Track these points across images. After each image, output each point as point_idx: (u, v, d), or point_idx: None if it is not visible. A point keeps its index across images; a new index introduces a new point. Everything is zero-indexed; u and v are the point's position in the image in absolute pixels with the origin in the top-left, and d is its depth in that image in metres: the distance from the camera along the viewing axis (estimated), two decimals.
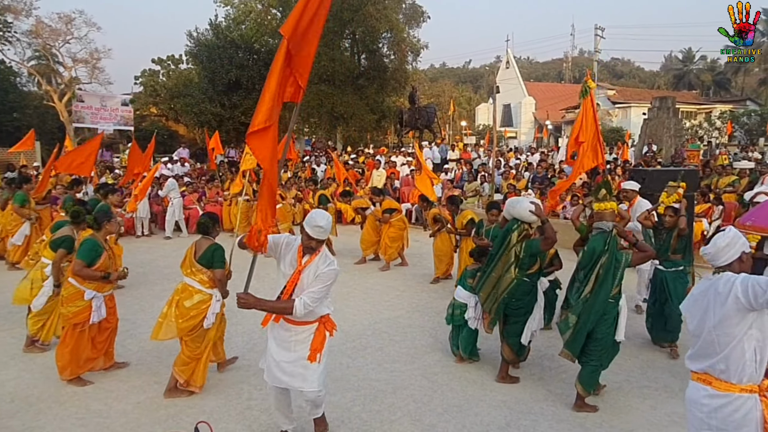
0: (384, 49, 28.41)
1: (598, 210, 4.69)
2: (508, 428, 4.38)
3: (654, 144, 19.38)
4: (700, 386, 2.91)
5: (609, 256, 4.46)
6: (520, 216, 5.01)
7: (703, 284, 3.02)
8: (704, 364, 2.89)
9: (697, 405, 2.90)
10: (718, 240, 2.97)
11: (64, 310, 5.10)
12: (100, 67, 33.84)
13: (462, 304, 5.64)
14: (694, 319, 2.97)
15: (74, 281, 5.07)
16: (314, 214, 3.74)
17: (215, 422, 4.40)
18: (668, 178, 9.21)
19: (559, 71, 71.06)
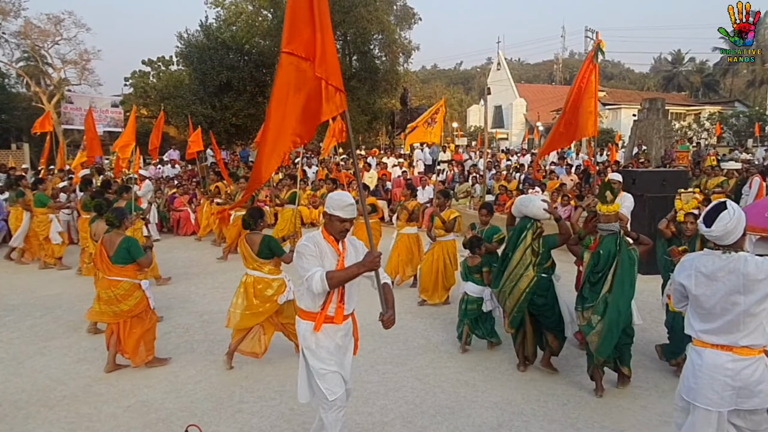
0: (375, 50, 28.42)
1: (605, 213, 4.80)
2: (500, 429, 4.38)
3: (644, 145, 19.52)
4: (722, 353, 3.03)
5: (622, 256, 4.64)
6: (534, 214, 5.19)
7: (712, 261, 3.05)
8: (726, 340, 3.02)
9: (721, 369, 3.01)
10: (724, 220, 2.99)
11: (124, 306, 5.38)
12: (90, 68, 33.64)
13: (476, 299, 5.87)
14: (711, 298, 3.03)
15: (126, 278, 5.41)
16: (336, 196, 3.52)
17: (206, 425, 4.37)
18: (658, 179, 9.32)
19: (550, 73, 71.39)
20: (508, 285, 5.18)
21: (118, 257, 5.39)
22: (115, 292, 5.38)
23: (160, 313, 7.33)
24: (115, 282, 5.40)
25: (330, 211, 3.46)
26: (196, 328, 6.77)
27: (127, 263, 5.41)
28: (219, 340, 6.37)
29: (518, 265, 5.13)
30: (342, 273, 3.35)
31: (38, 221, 9.94)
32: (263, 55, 26.71)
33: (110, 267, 5.41)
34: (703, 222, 3.08)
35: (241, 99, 25.25)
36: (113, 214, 5.58)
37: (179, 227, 13.74)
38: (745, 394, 2.99)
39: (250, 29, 27.43)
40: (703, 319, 3.11)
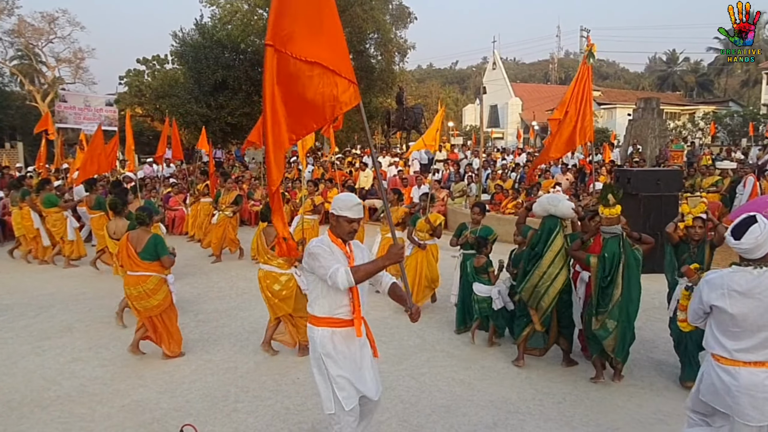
0: (371, 49, 28.39)
1: (608, 215, 4.85)
2: (496, 428, 4.39)
3: (639, 145, 19.56)
4: (758, 371, 3.02)
5: (627, 257, 4.76)
6: (563, 214, 5.28)
7: (746, 279, 3.01)
8: (763, 356, 3.02)
9: (760, 387, 3.00)
10: (755, 234, 2.96)
11: (154, 302, 5.58)
12: (84, 66, 33.57)
13: (485, 298, 5.98)
14: (750, 316, 2.99)
15: (154, 273, 5.59)
16: (343, 197, 3.50)
17: (201, 425, 4.35)
18: (653, 178, 9.34)
19: (546, 72, 71.52)
20: (542, 285, 5.20)
21: (146, 253, 5.57)
22: (144, 288, 5.57)
23: None
24: (144, 277, 5.58)
25: (338, 213, 3.42)
26: (191, 328, 6.75)
27: (155, 260, 5.60)
28: (214, 339, 6.36)
29: (552, 265, 5.18)
30: (369, 266, 3.31)
31: (53, 221, 9.98)
32: (258, 53, 26.60)
33: (139, 263, 5.59)
34: (732, 235, 3.04)
35: (236, 98, 25.17)
36: (143, 212, 5.77)
37: (174, 226, 13.69)
38: None
39: (245, 28, 27.35)
40: (737, 338, 3.05)
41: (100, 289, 8.51)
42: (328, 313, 3.39)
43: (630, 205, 7.94)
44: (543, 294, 5.21)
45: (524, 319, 5.50)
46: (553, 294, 5.19)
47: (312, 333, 3.44)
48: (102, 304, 7.76)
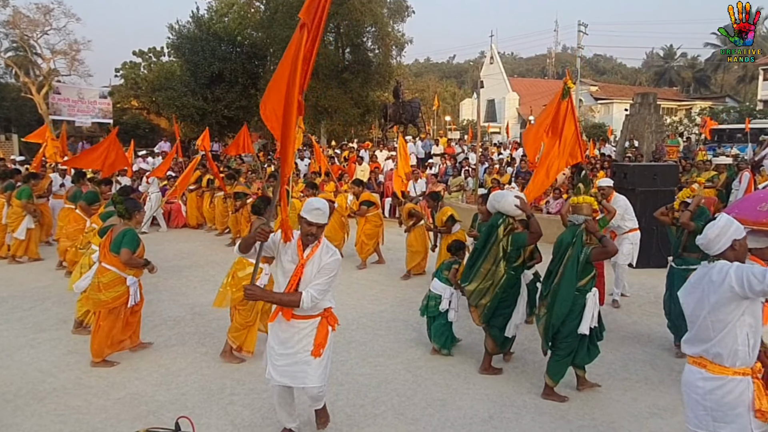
0: (368, 43, 28.26)
1: (575, 203, 4.79)
2: (492, 421, 4.40)
3: (635, 140, 19.57)
4: (696, 369, 3.01)
5: (574, 249, 4.57)
6: (506, 210, 5.03)
7: (700, 272, 3.10)
8: (699, 349, 3.00)
9: (693, 387, 3.00)
10: (708, 231, 3.04)
11: (104, 296, 5.31)
12: (80, 59, 33.19)
13: (437, 296, 5.70)
14: (690, 305, 3.06)
15: (114, 268, 5.36)
16: (309, 200, 3.75)
17: (197, 417, 4.36)
18: (650, 173, 9.36)
19: (543, 67, 71.46)
20: (485, 282, 5.07)
21: (114, 245, 5.38)
22: (100, 279, 5.35)
23: (151, 306, 7.31)
24: (103, 269, 5.39)
25: (302, 214, 3.65)
26: (186, 321, 6.74)
27: (118, 254, 5.35)
28: (210, 332, 6.35)
29: (491, 260, 5.03)
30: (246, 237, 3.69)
31: (11, 212, 9.74)
32: (255, 46, 26.54)
33: (107, 254, 5.43)
34: (698, 232, 3.20)
35: (233, 91, 25.09)
36: (124, 206, 5.54)
37: (170, 219, 13.67)
38: (720, 418, 2.89)
39: (242, 20, 27.23)
40: (688, 330, 3.15)
41: None
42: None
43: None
44: (485, 291, 5.08)
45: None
46: (492, 290, 5.05)
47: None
48: None
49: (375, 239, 9.49)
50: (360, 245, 9.45)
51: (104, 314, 5.36)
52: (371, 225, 9.42)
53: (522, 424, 4.34)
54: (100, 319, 5.38)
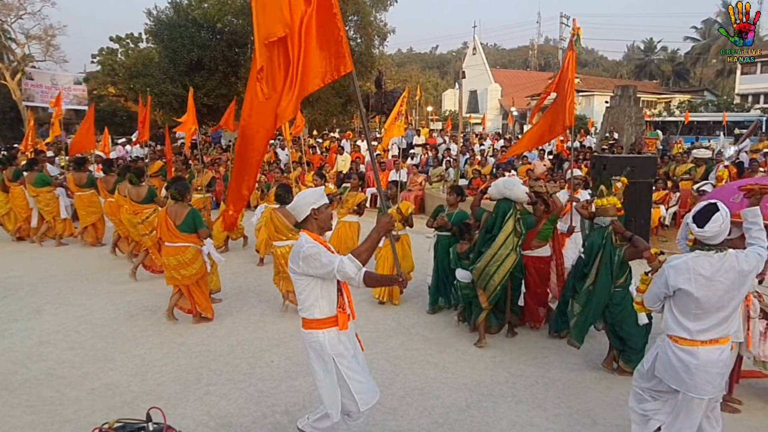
0: (350, 32, 28.03)
1: (600, 206, 4.96)
2: (469, 410, 4.42)
3: (615, 132, 19.77)
4: (714, 348, 3.21)
5: (605, 251, 4.80)
6: (518, 197, 5.43)
7: (709, 263, 3.13)
8: (719, 333, 3.21)
9: (714, 363, 3.20)
10: (717, 222, 3.08)
11: (192, 270, 6.04)
12: (55, 44, 32.51)
13: (468, 284, 5.86)
14: (712, 298, 3.14)
15: (192, 244, 6.05)
16: (308, 192, 3.51)
17: (173, 408, 4.31)
18: (628, 164, 9.45)
19: (525, 59, 71.68)
20: (492, 265, 5.35)
21: (185, 226, 6.00)
22: (183, 258, 6.01)
23: (127, 296, 7.22)
24: (182, 248, 6.01)
25: (317, 205, 3.37)
26: (163, 310, 6.65)
27: (192, 232, 6.04)
28: (187, 323, 6.28)
29: (503, 246, 5.33)
30: (365, 245, 3.30)
31: (46, 200, 9.89)
32: (236, 34, 26.13)
33: (178, 235, 6.01)
34: (695, 223, 3.15)
35: (213, 79, 24.70)
36: (176, 188, 6.14)
37: None
38: (726, 375, 3.34)
39: (222, 7, 26.75)
40: (698, 319, 3.20)
41: (70, 272, 8.34)
42: (329, 312, 3.32)
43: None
44: (493, 274, 5.36)
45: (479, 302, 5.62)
46: (502, 274, 5.35)
47: (317, 337, 3.32)
48: (72, 286, 7.62)
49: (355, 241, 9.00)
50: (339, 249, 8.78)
51: (195, 285, 6.16)
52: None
53: (499, 413, 4.37)
54: (195, 290, 6.17)
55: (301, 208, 3.39)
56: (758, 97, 39.52)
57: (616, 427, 4.17)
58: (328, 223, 3.49)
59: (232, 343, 5.70)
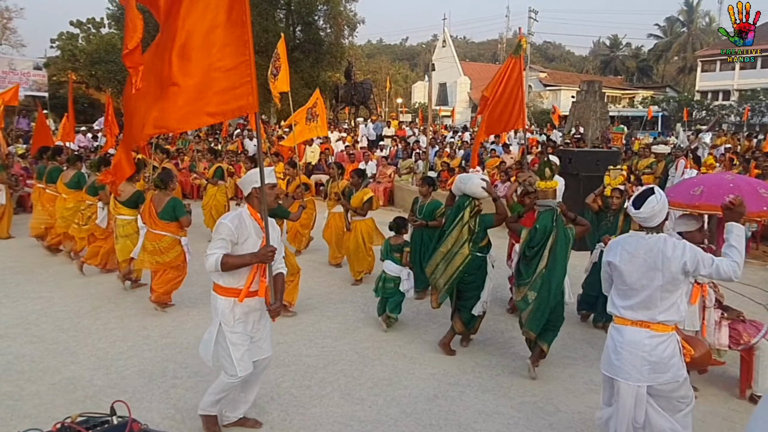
0: (320, 21, 27.84)
1: (543, 188, 4.82)
2: (436, 399, 4.48)
3: (581, 126, 20.14)
4: (640, 330, 3.25)
5: (558, 233, 4.68)
6: (472, 192, 5.13)
7: (636, 241, 3.29)
8: (644, 316, 3.24)
9: (639, 345, 3.23)
10: (652, 204, 3.21)
11: (167, 258, 6.12)
12: (12, 27, 31.38)
13: (394, 278, 5.82)
14: (633, 274, 3.24)
15: (168, 233, 6.12)
16: (251, 172, 3.76)
17: (137, 402, 4.25)
18: (593, 159, 9.66)
19: (494, 52, 72.25)
20: (442, 263, 5.16)
21: (164, 214, 6.07)
22: (159, 245, 6.09)
23: (89, 288, 7.05)
24: (159, 236, 6.09)
25: (257, 185, 3.59)
26: (128, 303, 6.54)
27: (172, 220, 6.08)
28: (152, 314, 6.18)
29: (455, 243, 5.11)
30: (236, 260, 3.55)
31: None
32: None
33: (157, 222, 6.10)
34: (632, 205, 3.28)
35: None
36: (160, 177, 6.27)
37: None
38: (659, 369, 3.21)
39: None
40: (625, 296, 3.32)
41: (30, 264, 8.10)
42: (232, 284, 3.63)
43: (571, 185, 8.17)
44: (442, 272, 5.15)
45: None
46: (450, 272, 5.10)
47: (216, 302, 3.70)
48: (31, 278, 7.41)
49: (309, 229, 8.98)
50: (294, 235, 8.88)
51: (169, 270, 6.22)
52: (305, 213, 8.55)
53: (466, 402, 4.44)
54: (165, 273, 6.23)
55: (246, 184, 3.73)
56: (717, 94, 40.77)
57: (578, 414, 4.28)
58: (272, 203, 3.77)
59: (198, 335, 5.60)
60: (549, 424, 4.16)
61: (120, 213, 6.90)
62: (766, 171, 10.44)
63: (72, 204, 7.89)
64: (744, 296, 5.17)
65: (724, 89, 40.52)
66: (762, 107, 32.82)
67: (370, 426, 4.07)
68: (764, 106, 32.78)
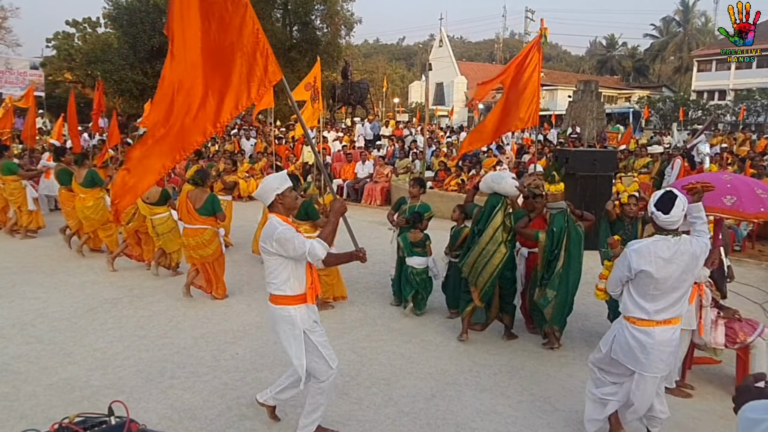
0: (317, 21, 27.80)
1: (554, 191, 5.03)
2: (434, 399, 4.48)
3: (578, 126, 20.18)
4: (668, 328, 3.42)
5: (571, 231, 4.91)
6: (506, 191, 5.31)
7: (667, 246, 3.33)
8: (673, 313, 3.41)
9: (668, 343, 3.42)
10: (680, 207, 3.30)
11: (209, 251, 6.44)
12: (7, 27, 31.25)
13: (422, 270, 6.19)
14: (669, 279, 3.33)
15: (210, 226, 6.44)
16: (266, 181, 3.65)
17: (135, 402, 4.24)
18: (590, 159, 9.67)
19: (491, 52, 72.28)
20: (480, 261, 5.26)
21: (204, 209, 6.40)
22: (201, 238, 6.39)
23: (86, 289, 7.04)
24: (201, 230, 6.40)
25: (280, 190, 3.54)
26: (124, 303, 6.52)
27: (210, 215, 6.43)
28: (148, 315, 6.17)
29: (491, 241, 5.23)
30: (328, 228, 3.59)
31: (11, 189, 9.45)
32: None
33: (197, 217, 6.40)
34: (660, 210, 3.33)
35: None
36: (197, 175, 6.64)
37: None
38: (676, 354, 3.59)
39: None
40: (655, 300, 3.39)
41: (25, 264, 8.08)
42: (299, 290, 3.55)
43: (568, 184, 8.18)
44: (481, 270, 5.27)
45: (469, 294, 5.53)
46: (490, 270, 5.23)
47: (288, 312, 3.53)
48: (27, 279, 7.38)
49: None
50: None
51: (215, 264, 6.57)
52: None
53: (463, 401, 4.45)
54: (210, 270, 6.57)
55: (266, 194, 3.56)
56: (713, 94, 40.87)
57: (576, 413, 4.29)
58: (294, 205, 3.70)
59: (196, 335, 5.63)
60: (546, 423, 4.16)
61: (155, 213, 7.27)
62: (761, 170, 10.48)
63: (91, 202, 8.03)
64: (740, 295, 5.19)
65: (720, 89, 40.62)
66: (757, 107, 32.92)
67: (368, 425, 4.07)
68: (760, 105, 32.88)
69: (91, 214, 8.03)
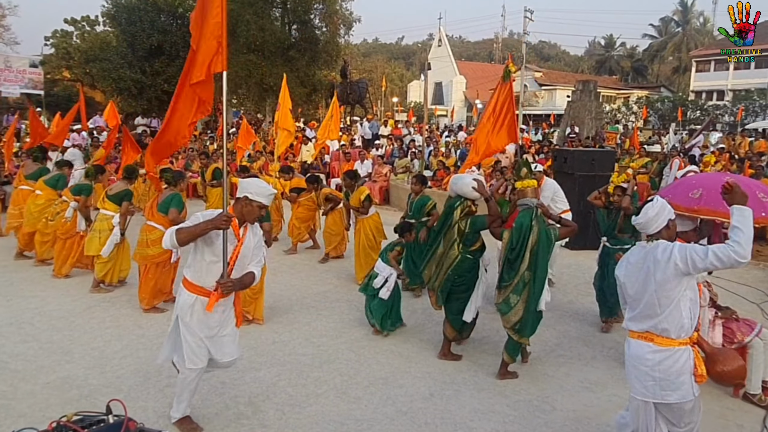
0: (316, 20, 27.73)
1: (521, 188, 4.77)
2: (432, 398, 4.48)
3: (576, 126, 20.19)
4: (643, 343, 3.18)
5: (539, 232, 4.53)
6: (463, 192, 5.06)
7: (639, 251, 3.27)
8: (646, 325, 3.17)
9: (642, 360, 3.17)
10: (648, 210, 3.21)
11: (151, 251, 6.14)
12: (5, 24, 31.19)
13: (376, 274, 5.77)
14: (635, 284, 3.22)
15: (160, 226, 6.06)
16: (260, 184, 3.77)
17: (132, 401, 4.24)
18: (588, 158, 9.68)
19: (490, 51, 72.30)
20: (432, 262, 5.12)
21: (162, 206, 6.21)
22: (148, 237, 6.17)
23: (84, 287, 7.02)
24: (151, 227, 6.18)
25: (252, 197, 3.65)
26: (122, 302, 6.51)
27: (166, 214, 6.11)
28: (146, 314, 6.16)
29: (446, 242, 5.05)
30: (191, 229, 3.51)
31: None
32: None
33: (153, 213, 6.24)
34: (635, 214, 3.34)
35: (173, 65, 24.08)
36: (171, 175, 6.46)
37: None
38: (667, 386, 3.09)
39: None
40: (630, 307, 3.31)
41: (24, 262, 8.06)
42: (195, 281, 3.69)
43: (566, 184, 8.21)
44: (436, 275, 5.09)
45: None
46: (443, 273, 5.03)
47: (180, 296, 3.78)
48: (25, 277, 7.37)
49: (308, 223, 9.11)
50: (291, 229, 9.11)
51: (152, 267, 6.20)
52: (304, 209, 8.98)
53: (461, 401, 4.45)
54: (148, 272, 6.22)
55: (240, 190, 3.73)
56: (711, 94, 40.95)
57: (573, 412, 4.30)
58: (253, 220, 3.76)
59: None
60: (544, 423, 4.17)
61: (105, 207, 6.81)
62: (759, 171, 10.50)
63: (42, 201, 7.74)
64: (738, 295, 5.20)
65: (719, 89, 40.69)
66: (756, 107, 32.98)
67: (366, 425, 4.07)
68: (758, 106, 32.94)
69: (36, 212, 7.69)
